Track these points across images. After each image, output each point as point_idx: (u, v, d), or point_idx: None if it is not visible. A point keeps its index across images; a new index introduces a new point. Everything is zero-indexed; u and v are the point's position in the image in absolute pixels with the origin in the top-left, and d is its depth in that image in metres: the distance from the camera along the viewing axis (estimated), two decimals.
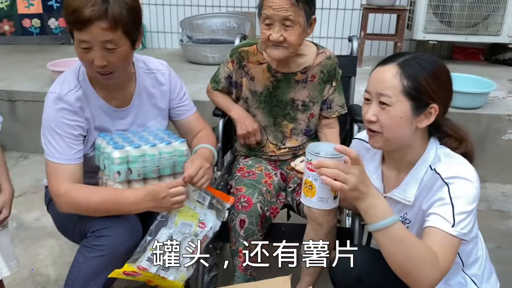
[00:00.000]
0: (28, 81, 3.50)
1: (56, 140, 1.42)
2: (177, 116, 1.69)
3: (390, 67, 1.20)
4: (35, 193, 2.77)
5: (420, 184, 1.25)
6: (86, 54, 1.35)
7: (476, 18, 3.90)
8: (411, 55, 1.22)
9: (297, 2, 1.56)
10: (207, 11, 4.55)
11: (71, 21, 1.31)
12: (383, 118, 1.20)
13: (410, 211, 1.29)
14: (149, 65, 1.61)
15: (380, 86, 1.20)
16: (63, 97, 1.43)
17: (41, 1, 4.76)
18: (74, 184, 1.42)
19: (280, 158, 1.87)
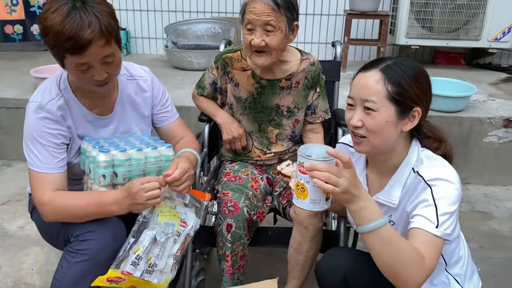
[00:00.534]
0: (10, 88, 3.46)
1: (38, 149, 1.41)
2: (160, 122, 1.69)
3: (373, 73, 1.22)
4: (18, 200, 2.74)
5: (403, 187, 1.28)
6: (85, 73, 1.34)
7: (457, 24, 3.99)
8: (392, 60, 1.24)
9: (278, 8, 1.58)
10: (192, 16, 4.56)
11: (68, 47, 1.27)
12: (368, 123, 1.22)
13: (394, 213, 1.32)
14: (131, 72, 1.61)
15: (365, 92, 1.21)
16: (44, 106, 1.41)
17: (24, 7, 4.71)
18: (58, 191, 1.41)
19: (266, 162, 1.89)
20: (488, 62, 4.46)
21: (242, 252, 1.65)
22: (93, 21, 1.27)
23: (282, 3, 1.58)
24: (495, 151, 3.03)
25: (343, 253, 1.45)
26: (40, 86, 1.48)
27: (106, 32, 1.29)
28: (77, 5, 1.27)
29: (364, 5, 3.93)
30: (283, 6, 1.59)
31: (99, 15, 1.28)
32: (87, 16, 1.26)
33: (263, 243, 1.76)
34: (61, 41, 1.26)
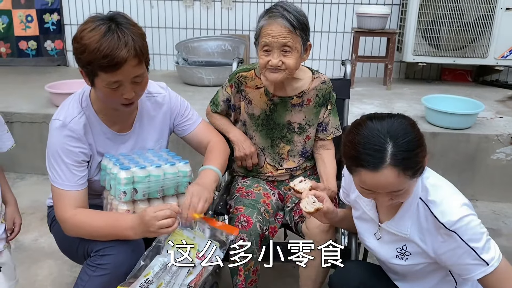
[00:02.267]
0: (25, 102, 3.53)
1: (61, 167, 1.47)
2: (184, 131, 1.73)
3: (387, 172, 1.16)
4: (32, 213, 2.78)
5: (413, 217, 1.30)
6: (115, 92, 1.40)
7: (464, 41, 4.04)
8: (389, 144, 1.15)
9: (294, 30, 1.64)
10: (202, 34, 4.64)
11: (103, 64, 1.32)
12: (402, 198, 1.25)
13: (409, 243, 1.33)
14: (149, 89, 1.65)
15: (391, 188, 1.19)
16: (67, 124, 1.47)
17: (38, 23, 4.83)
18: (78, 209, 1.47)
19: (277, 178, 1.92)
20: (495, 79, 4.49)
21: (254, 267, 1.67)
22: (129, 41, 1.33)
23: (297, 25, 1.65)
24: (502, 168, 3.05)
25: (356, 266, 1.48)
26: (63, 103, 1.54)
27: (140, 52, 1.36)
28: (113, 27, 1.34)
29: (371, 24, 3.99)
30: (298, 27, 1.65)
31: (133, 36, 1.35)
32: (123, 36, 1.34)
33: (274, 258, 1.77)
34: (97, 58, 1.32)
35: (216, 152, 1.70)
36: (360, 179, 1.21)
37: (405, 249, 1.34)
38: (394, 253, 1.36)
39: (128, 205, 1.46)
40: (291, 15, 1.64)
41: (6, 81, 4.20)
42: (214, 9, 4.62)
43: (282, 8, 1.66)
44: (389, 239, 1.37)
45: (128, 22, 1.39)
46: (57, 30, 4.88)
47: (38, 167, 3.31)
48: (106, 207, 1.56)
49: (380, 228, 1.38)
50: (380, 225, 1.38)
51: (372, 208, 1.40)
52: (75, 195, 1.48)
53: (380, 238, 1.40)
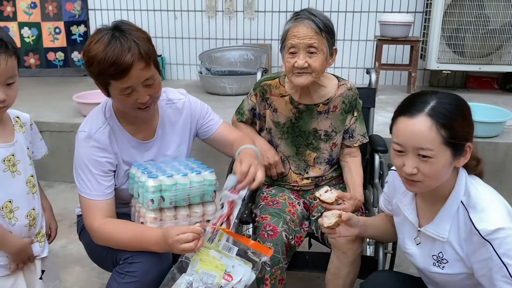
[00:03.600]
0: (53, 112, 3.63)
1: (88, 177, 1.50)
2: (207, 132, 1.74)
3: (422, 119, 1.16)
4: (60, 221, 2.79)
5: (453, 221, 1.26)
6: (129, 97, 1.43)
7: (489, 48, 3.97)
8: (434, 99, 1.18)
9: (320, 31, 1.66)
10: (225, 43, 4.70)
11: (111, 73, 1.36)
12: (425, 169, 1.19)
13: (447, 249, 1.28)
14: (169, 96, 1.69)
15: (417, 140, 1.17)
16: (93, 135, 1.51)
17: (65, 35, 4.97)
18: (106, 219, 1.49)
19: (302, 188, 1.92)
20: None
21: (280, 276, 1.67)
22: (132, 46, 1.37)
23: (323, 27, 1.66)
24: None
25: (387, 275, 1.47)
26: (88, 116, 1.58)
27: (145, 55, 1.38)
28: (116, 34, 1.38)
29: (394, 32, 3.97)
30: (324, 30, 1.67)
31: (137, 41, 1.38)
32: (126, 42, 1.37)
33: (300, 268, 1.78)
34: (104, 67, 1.36)
35: (246, 140, 1.69)
36: (396, 128, 1.21)
37: (442, 256, 1.29)
38: (431, 260, 1.32)
39: (156, 213, 1.48)
40: (318, 18, 1.67)
41: (35, 91, 4.32)
42: (237, 19, 4.68)
43: (308, 12, 1.68)
44: (427, 244, 1.33)
45: (131, 27, 1.43)
46: (83, 42, 5.01)
47: (66, 175, 3.39)
48: (134, 215, 1.59)
49: (420, 232, 1.34)
50: (419, 229, 1.34)
51: (412, 211, 1.36)
52: (102, 205, 1.50)
53: (420, 243, 1.35)
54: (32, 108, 3.72)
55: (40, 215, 1.56)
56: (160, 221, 1.49)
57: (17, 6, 4.86)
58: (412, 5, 4.42)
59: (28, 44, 4.96)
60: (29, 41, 4.96)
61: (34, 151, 1.64)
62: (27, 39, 4.95)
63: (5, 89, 1.32)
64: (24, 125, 1.54)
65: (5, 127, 1.45)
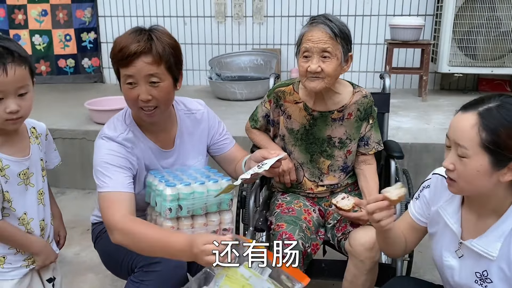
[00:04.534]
0: (65, 119, 3.65)
1: (111, 172, 1.45)
2: (220, 150, 1.75)
3: (470, 116, 1.12)
4: (73, 228, 2.84)
5: (506, 239, 1.17)
6: (132, 90, 1.44)
7: (501, 51, 3.93)
8: (497, 101, 1.12)
9: (335, 36, 1.65)
10: (234, 49, 4.70)
11: (118, 58, 1.41)
12: (460, 168, 1.14)
13: (493, 268, 1.20)
14: (189, 106, 1.69)
15: (458, 136, 1.13)
16: (115, 138, 1.50)
17: (76, 42, 5.01)
18: (129, 216, 1.41)
19: (318, 195, 1.90)
20: None
21: None
22: (144, 39, 1.41)
23: (339, 33, 1.65)
24: None
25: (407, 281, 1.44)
26: (107, 123, 1.57)
27: (156, 52, 1.41)
28: (143, 31, 1.44)
29: (405, 35, 3.94)
30: (340, 35, 1.66)
31: (155, 38, 1.42)
32: (142, 36, 1.42)
33: (316, 276, 1.76)
34: (116, 53, 1.43)
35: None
36: (451, 122, 1.18)
37: (486, 275, 1.21)
38: (473, 277, 1.24)
39: (173, 222, 1.47)
40: (333, 23, 1.66)
41: (47, 98, 4.35)
42: (246, 24, 4.68)
43: (324, 17, 1.68)
44: (470, 259, 1.24)
45: (163, 31, 1.47)
46: (93, 48, 5.04)
47: (78, 182, 3.41)
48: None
49: (462, 245, 1.25)
50: (462, 241, 1.25)
51: (456, 221, 1.27)
52: (125, 198, 1.42)
53: (462, 256, 1.26)
54: (43, 115, 3.72)
55: (49, 225, 1.56)
56: (177, 230, 1.48)
57: (28, 14, 4.91)
58: (422, 8, 4.40)
59: (39, 52, 5.00)
60: (40, 48, 5.00)
61: (48, 161, 1.64)
62: (38, 46, 4.99)
63: (17, 100, 1.31)
64: (40, 135, 1.54)
65: (22, 140, 1.45)
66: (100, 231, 1.68)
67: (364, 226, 1.67)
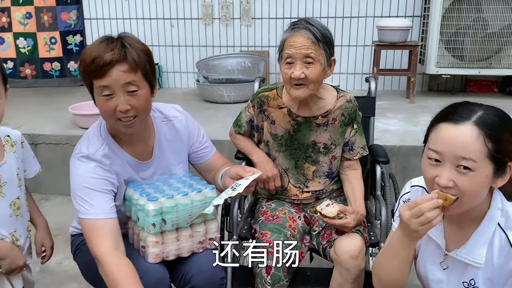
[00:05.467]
0: (49, 123, 3.58)
1: (91, 197, 1.39)
2: (200, 158, 1.72)
3: (468, 128, 1.08)
4: (56, 235, 2.75)
5: (489, 245, 1.16)
6: (109, 102, 1.36)
7: (489, 52, 3.94)
8: (480, 110, 1.11)
9: (318, 41, 1.62)
10: (222, 51, 4.67)
11: (92, 69, 1.33)
12: (463, 184, 1.08)
13: (479, 277, 1.19)
14: (166, 113, 1.63)
15: (461, 150, 1.07)
16: (92, 155, 1.43)
17: (61, 45, 4.94)
18: (114, 251, 1.35)
19: (303, 201, 1.88)
20: None
21: None
22: (118, 47, 1.35)
23: (321, 37, 1.62)
24: None
25: None
26: (82, 138, 1.51)
27: (131, 59, 1.35)
28: (112, 39, 1.37)
29: (392, 37, 3.93)
30: (322, 40, 1.63)
31: (127, 45, 1.36)
32: (115, 45, 1.36)
33: (301, 285, 1.73)
34: (87, 64, 1.34)
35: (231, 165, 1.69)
36: (436, 135, 1.11)
37: (474, 284, 1.19)
38: (461, 287, 1.23)
39: (157, 237, 1.42)
40: (315, 28, 1.63)
41: (31, 102, 4.28)
42: (234, 27, 4.65)
43: (306, 22, 1.65)
44: (457, 269, 1.23)
45: (133, 38, 1.42)
46: (79, 51, 4.97)
47: (62, 188, 3.33)
48: (132, 238, 1.54)
49: (447, 256, 1.24)
50: (447, 253, 1.24)
51: (440, 234, 1.25)
52: (109, 225, 1.37)
53: (447, 268, 1.25)
54: (27, 119, 3.68)
55: (24, 238, 1.50)
56: (162, 244, 1.44)
57: (12, 17, 4.83)
58: (410, 10, 4.40)
59: (24, 55, 4.93)
60: (25, 51, 4.92)
61: (27, 170, 1.59)
62: (23, 49, 4.92)
63: None
64: (15, 143, 1.50)
65: None
66: (79, 243, 1.64)
67: (349, 233, 1.64)
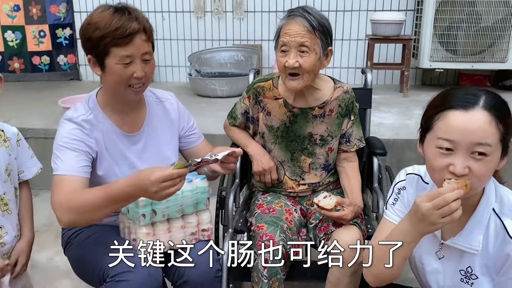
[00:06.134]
0: (39, 118, 3.51)
1: (64, 155, 1.42)
2: (189, 143, 1.72)
3: (480, 114, 1.06)
4: (46, 231, 2.74)
5: (485, 231, 1.15)
6: (126, 69, 1.42)
7: (482, 46, 3.94)
8: (482, 93, 1.10)
9: (314, 30, 1.58)
10: (214, 45, 4.61)
11: (116, 36, 1.38)
12: (478, 170, 1.06)
13: (476, 264, 1.18)
14: (158, 95, 1.68)
15: (477, 136, 1.06)
16: (74, 119, 1.47)
17: (51, 38, 4.85)
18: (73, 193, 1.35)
19: (299, 194, 1.85)
20: None
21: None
22: (138, 17, 1.43)
23: (317, 26, 1.59)
24: None
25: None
26: (70, 108, 1.55)
27: (148, 30, 1.45)
28: (121, 8, 1.43)
29: (386, 30, 3.92)
30: (318, 29, 1.59)
31: (139, 16, 1.44)
32: (131, 15, 1.42)
33: (298, 278, 1.70)
34: (110, 31, 1.37)
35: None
36: (446, 124, 1.08)
37: (471, 272, 1.18)
38: (458, 276, 1.21)
39: (148, 228, 1.39)
40: (312, 16, 1.59)
41: (20, 97, 4.20)
42: (226, 20, 4.60)
43: (302, 10, 1.61)
44: (453, 258, 1.21)
45: (137, 9, 1.48)
46: (69, 45, 4.90)
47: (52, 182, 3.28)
48: (123, 232, 1.50)
49: (443, 245, 1.23)
50: (443, 242, 1.23)
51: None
52: (75, 180, 1.37)
53: (443, 257, 1.23)
54: (17, 114, 3.61)
55: (12, 236, 1.46)
56: (153, 236, 1.40)
57: (0, 9, 4.73)
58: (403, 3, 4.38)
59: (12, 48, 4.83)
60: (13, 45, 4.83)
61: (24, 171, 1.57)
62: (11, 43, 4.82)
63: None
64: (9, 139, 1.46)
65: None
66: (70, 237, 1.60)
67: (346, 226, 1.62)
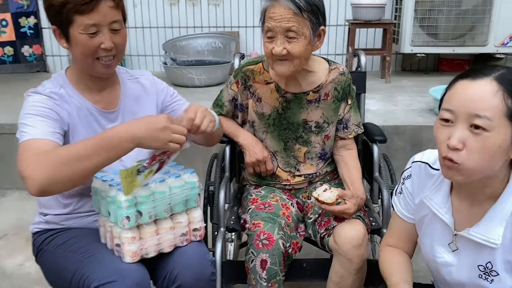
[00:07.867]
0: (3, 113, 3.28)
1: (33, 122, 1.24)
2: (174, 112, 1.55)
3: (486, 83, 0.97)
4: (16, 234, 2.53)
5: (509, 224, 1.04)
6: (92, 39, 1.28)
7: (462, 29, 3.91)
8: (502, 68, 1.01)
9: (301, 12, 1.42)
10: (189, 32, 4.42)
11: (78, 2, 1.24)
12: (474, 146, 0.97)
13: (496, 259, 1.07)
14: (131, 73, 1.55)
15: (475, 106, 0.97)
16: (42, 92, 1.32)
17: (14, 28, 4.55)
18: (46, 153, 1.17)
19: (295, 186, 1.71)
20: None
21: None
22: None
23: (305, 6, 1.42)
24: None
25: None
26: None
27: None
28: None
29: (367, 14, 3.82)
30: (306, 9, 1.43)
31: None
32: None
33: (298, 278, 1.57)
34: None
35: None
36: (451, 93, 1.02)
37: (491, 268, 1.08)
38: (476, 272, 1.10)
39: (133, 232, 1.23)
40: None
41: None
42: (201, 6, 4.40)
43: None
44: (469, 252, 1.11)
45: None
46: (34, 35, 4.60)
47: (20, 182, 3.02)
48: (105, 236, 1.32)
49: (457, 237, 1.12)
50: (456, 233, 1.12)
51: (447, 211, 1.13)
52: (48, 142, 1.20)
53: (457, 249, 1.13)
54: None
55: None
56: (139, 240, 1.24)
57: None
58: None
59: None
60: None
61: None
62: None
63: None
64: None
65: None
66: (42, 243, 1.42)
67: (349, 220, 1.49)
